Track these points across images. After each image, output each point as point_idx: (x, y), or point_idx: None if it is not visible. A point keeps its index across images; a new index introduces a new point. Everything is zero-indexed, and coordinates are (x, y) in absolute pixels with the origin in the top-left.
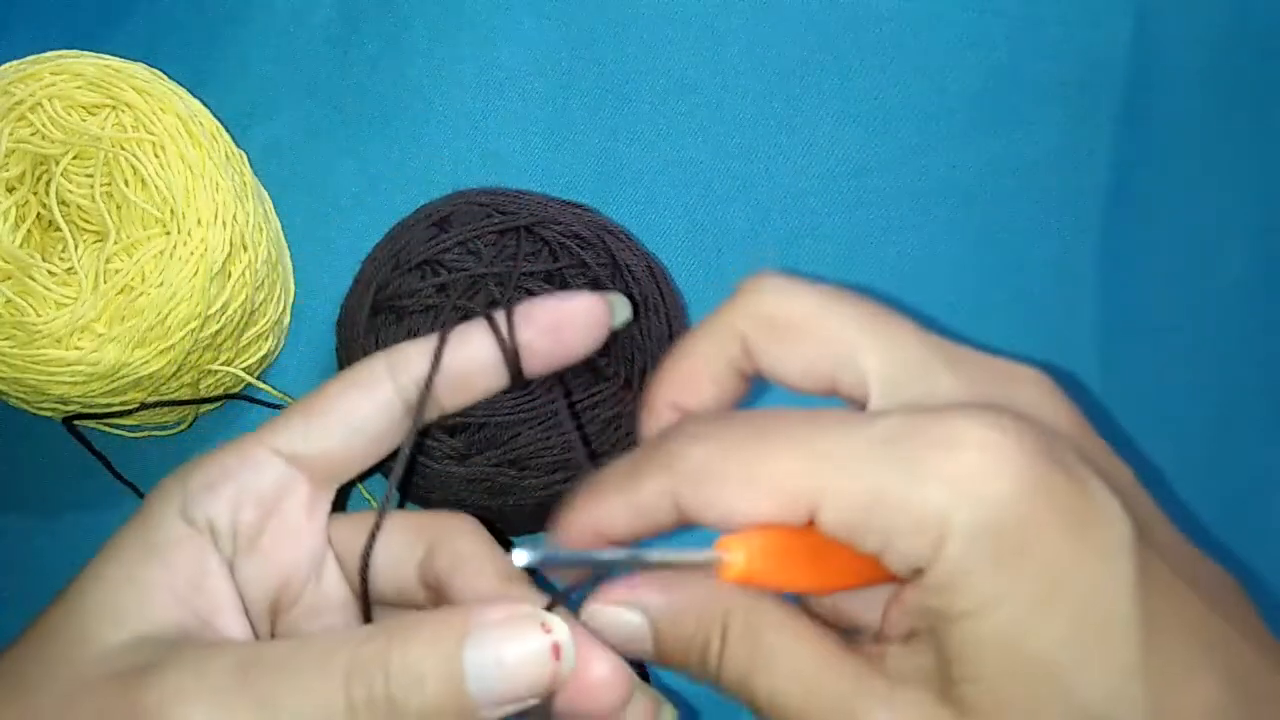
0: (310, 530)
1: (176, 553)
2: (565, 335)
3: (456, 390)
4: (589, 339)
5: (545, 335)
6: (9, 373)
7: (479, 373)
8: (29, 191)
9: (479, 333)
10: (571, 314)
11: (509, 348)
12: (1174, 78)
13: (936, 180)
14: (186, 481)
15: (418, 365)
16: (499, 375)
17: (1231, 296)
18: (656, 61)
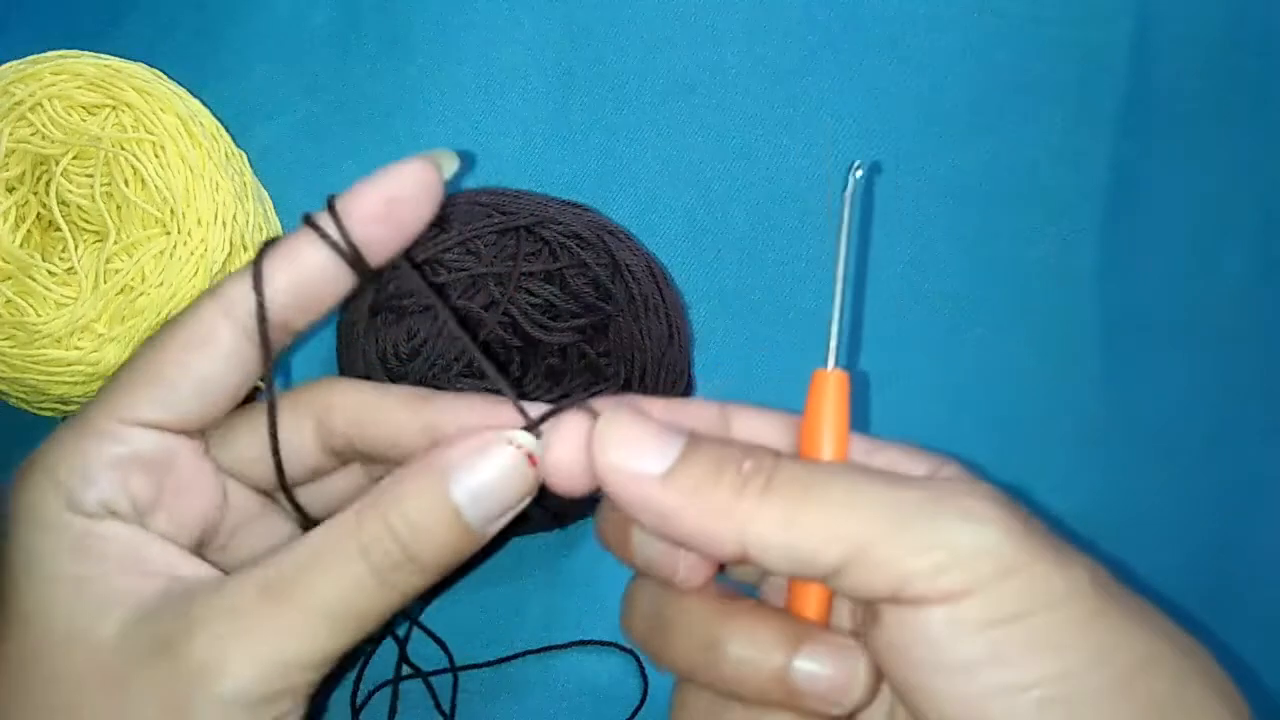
0: (203, 471)
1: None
2: (398, 212)
3: (306, 307)
4: (423, 208)
5: (377, 221)
6: (9, 373)
7: (321, 281)
8: (29, 191)
9: (306, 241)
10: (398, 187)
11: (344, 246)
12: (1174, 78)
13: (936, 180)
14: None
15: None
16: (343, 278)
17: (1231, 296)
18: (656, 61)
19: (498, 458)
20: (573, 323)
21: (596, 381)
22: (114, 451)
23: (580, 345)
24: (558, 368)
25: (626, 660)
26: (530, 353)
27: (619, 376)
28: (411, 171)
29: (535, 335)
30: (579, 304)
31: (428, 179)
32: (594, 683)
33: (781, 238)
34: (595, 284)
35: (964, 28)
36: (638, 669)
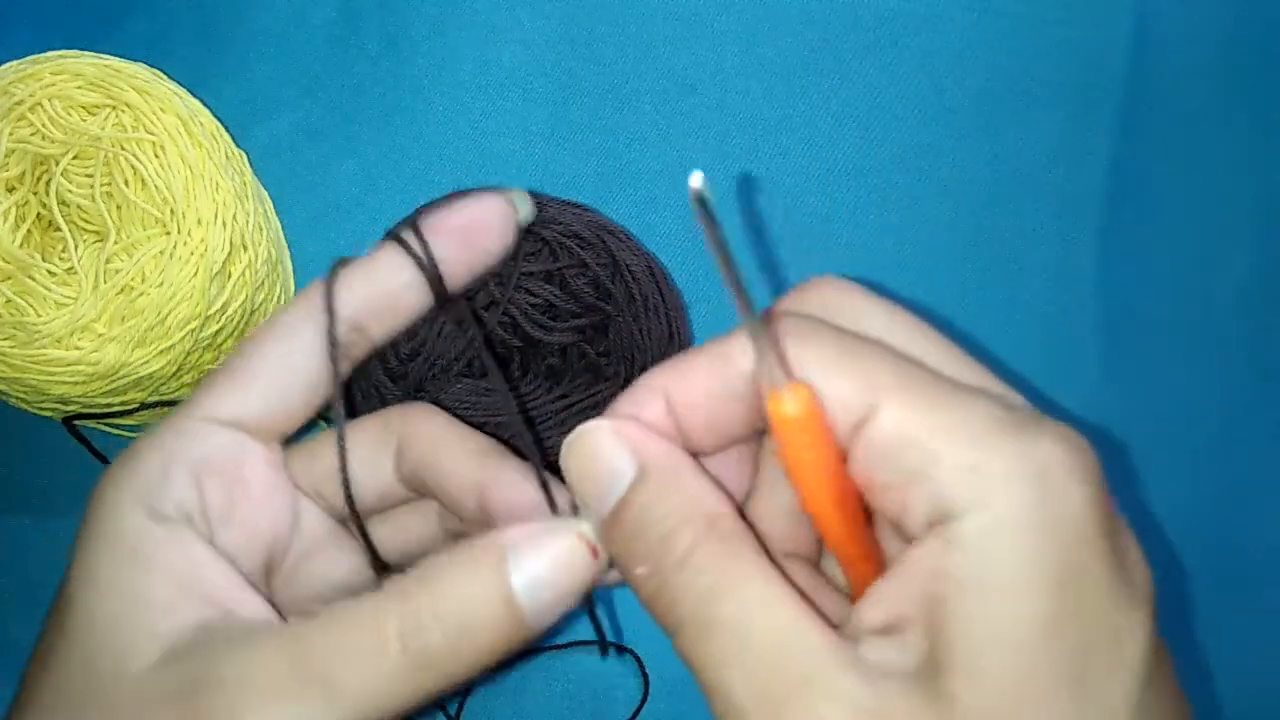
0: (277, 485)
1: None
2: (476, 239)
3: (383, 316)
4: (499, 239)
5: (456, 244)
6: (9, 373)
7: (400, 293)
8: (29, 191)
9: (391, 254)
10: (477, 217)
11: (426, 264)
12: (1174, 78)
13: (936, 180)
14: (135, 477)
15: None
16: (421, 294)
17: (1231, 296)
18: (656, 61)
19: (561, 546)
20: (573, 323)
21: (596, 381)
22: (191, 449)
23: (580, 345)
24: (558, 368)
25: (626, 660)
26: (530, 353)
27: (619, 376)
28: (490, 203)
29: (535, 335)
30: (579, 304)
31: (504, 212)
32: (594, 683)
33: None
34: (595, 284)
35: (964, 28)
36: (638, 669)
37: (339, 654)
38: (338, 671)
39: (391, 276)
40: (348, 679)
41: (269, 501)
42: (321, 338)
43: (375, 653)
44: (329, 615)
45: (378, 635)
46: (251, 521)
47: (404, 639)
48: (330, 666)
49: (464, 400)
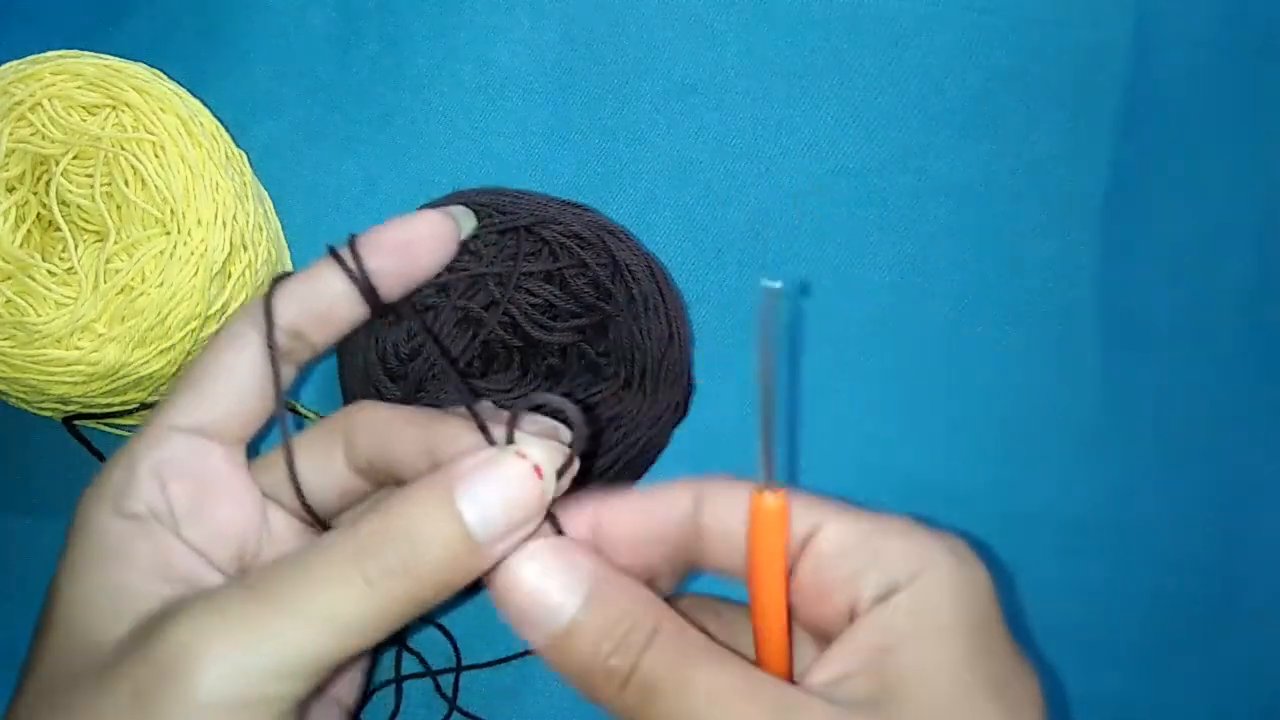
0: (240, 485)
1: (131, 545)
2: (412, 254)
3: (321, 326)
4: (437, 256)
5: (392, 258)
6: (9, 373)
7: (335, 304)
8: (29, 191)
9: (326, 267)
10: (415, 233)
11: (358, 277)
12: (1174, 78)
13: (936, 180)
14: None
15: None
16: (356, 305)
17: (1231, 296)
18: (656, 61)
19: (505, 469)
20: (573, 323)
21: (596, 381)
22: (155, 454)
23: (580, 345)
24: (558, 368)
25: None
26: (530, 353)
27: (619, 376)
28: (429, 220)
29: (535, 335)
30: (579, 304)
31: (444, 230)
32: None
33: (781, 238)
34: (595, 284)
35: (964, 28)
36: None
37: (296, 580)
38: (295, 596)
39: (326, 288)
40: (306, 601)
41: (233, 500)
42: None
43: (332, 573)
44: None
45: (333, 556)
46: (217, 519)
47: (358, 560)
48: (288, 592)
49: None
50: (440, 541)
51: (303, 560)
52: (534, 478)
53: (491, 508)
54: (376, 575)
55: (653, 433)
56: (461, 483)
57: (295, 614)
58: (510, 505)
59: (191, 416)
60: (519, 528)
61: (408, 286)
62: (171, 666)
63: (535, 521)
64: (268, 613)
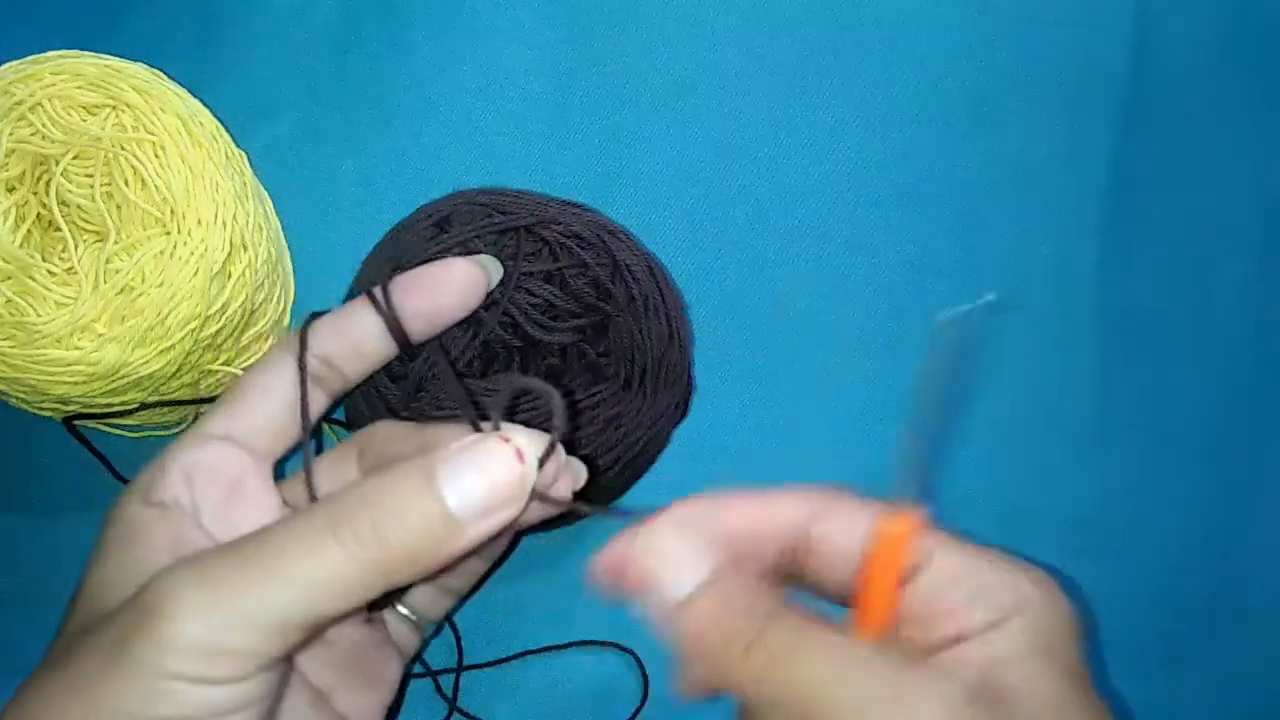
0: (265, 493)
1: (152, 529)
2: (441, 300)
3: (352, 360)
4: (465, 301)
5: (422, 301)
6: (9, 373)
7: (367, 339)
8: (29, 191)
9: (360, 306)
10: (445, 279)
11: (389, 317)
12: (1174, 78)
13: (936, 180)
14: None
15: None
16: (387, 342)
17: (1231, 296)
18: (656, 61)
19: (487, 451)
20: (573, 323)
21: (596, 381)
22: (187, 455)
23: (580, 345)
24: (558, 368)
25: (626, 660)
26: (530, 353)
27: (619, 377)
28: (459, 267)
29: (535, 335)
30: (579, 304)
31: (473, 277)
32: (594, 683)
33: (781, 238)
34: (595, 284)
35: (963, 28)
36: (638, 669)
37: (274, 544)
38: (272, 557)
39: (358, 326)
40: (280, 564)
41: (256, 506)
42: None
43: (308, 540)
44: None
45: (309, 525)
46: (239, 521)
47: (335, 529)
48: (265, 554)
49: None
50: (417, 513)
51: (282, 524)
52: (516, 461)
53: (472, 488)
54: (350, 539)
55: (653, 433)
56: (444, 463)
57: (269, 572)
58: (491, 486)
59: (225, 426)
60: (499, 509)
61: (432, 329)
62: (149, 613)
63: (517, 505)
64: (244, 569)
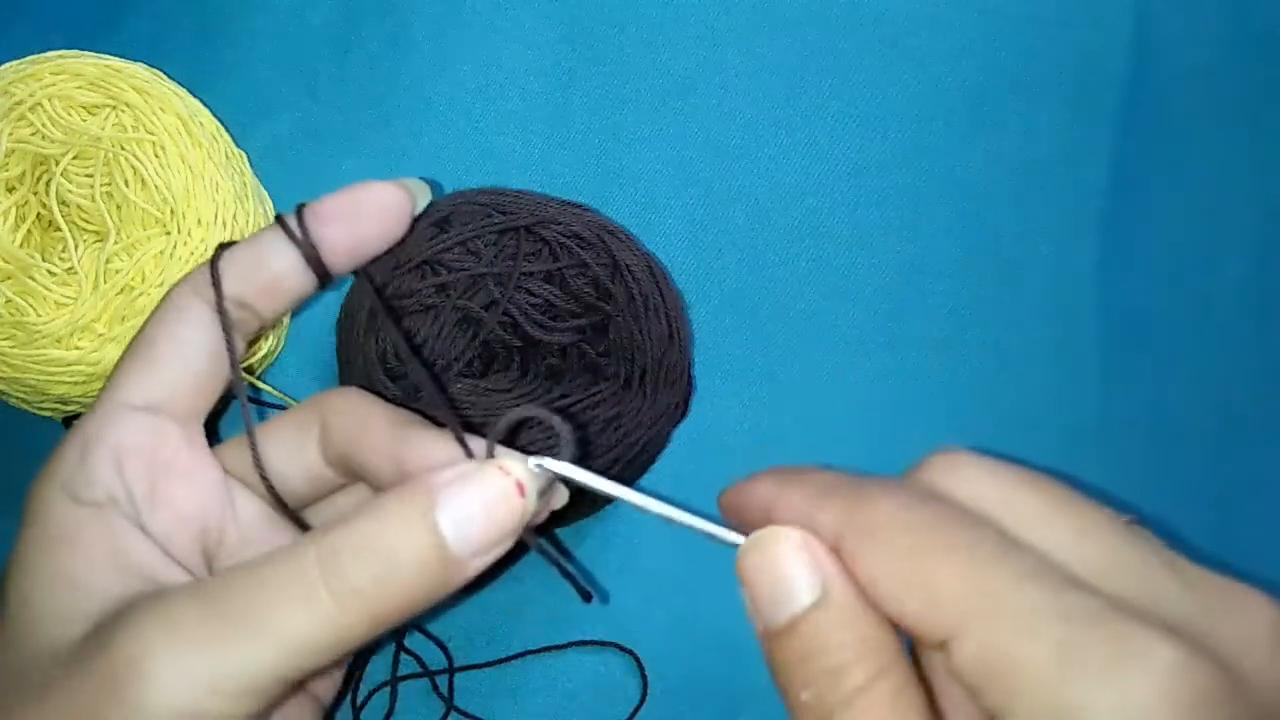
0: (200, 465)
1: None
2: (362, 226)
3: (268, 297)
4: (388, 227)
5: (341, 228)
6: (9, 373)
7: (284, 275)
8: (29, 191)
9: (272, 236)
10: (365, 202)
11: (304, 246)
12: (1174, 78)
13: (936, 180)
14: (58, 466)
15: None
16: (302, 272)
17: (1231, 296)
18: (656, 61)
19: (486, 483)
20: (573, 323)
21: (596, 381)
22: (110, 435)
23: (580, 345)
24: (558, 368)
25: (626, 660)
26: (530, 353)
27: (619, 377)
28: (379, 190)
29: (535, 335)
30: (579, 304)
31: (395, 201)
32: (594, 683)
33: (781, 238)
34: (595, 284)
35: (963, 27)
36: (637, 669)
37: (257, 594)
38: (256, 611)
39: (272, 257)
40: (262, 614)
41: (193, 482)
42: (212, 316)
43: (296, 590)
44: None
45: (299, 568)
46: (177, 502)
47: (323, 571)
48: (248, 607)
49: (464, 400)
50: (415, 557)
51: (261, 572)
52: (516, 494)
53: (470, 522)
54: (341, 593)
55: (653, 433)
56: (440, 496)
57: (250, 630)
58: (490, 521)
59: (144, 393)
60: (495, 546)
61: (353, 259)
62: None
63: (511, 540)
64: (221, 627)
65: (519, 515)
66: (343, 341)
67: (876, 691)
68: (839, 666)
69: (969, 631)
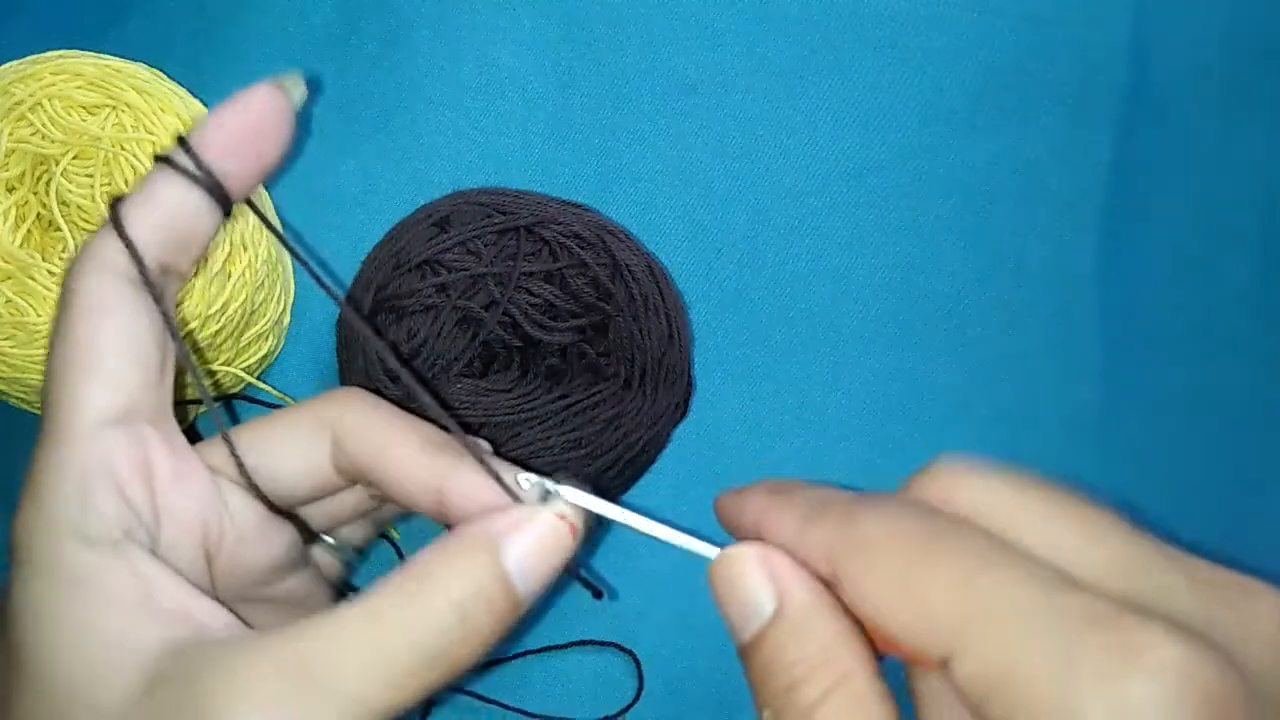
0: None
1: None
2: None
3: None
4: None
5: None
6: (9, 373)
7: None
8: (29, 191)
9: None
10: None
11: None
12: (1174, 78)
13: (936, 180)
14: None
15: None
16: (210, 211)
17: (1231, 296)
18: (656, 61)
19: (545, 529)
20: (573, 323)
21: (596, 381)
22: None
23: (580, 345)
24: (558, 368)
25: (626, 660)
26: (530, 353)
27: (619, 376)
28: (262, 98)
29: (535, 335)
30: (579, 304)
31: (279, 105)
32: (594, 682)
33: (781, 238)
34: (595, 284)
35: (964, 28)
36: (635, 669)
37: (337, 657)
38: (336, 675)
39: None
40: (348, 682)
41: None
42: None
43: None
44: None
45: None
46: (178, 513)
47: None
48: (328, 670)
49: (464, 400)
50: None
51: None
52: (569, 536)
53: (532, 566)
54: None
55: (653, 433)
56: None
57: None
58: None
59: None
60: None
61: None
62: None
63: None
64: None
65: (570, 552)
66: (343, 341)
67: (832, 703)
68: (793, 683)
69: (967, 647)
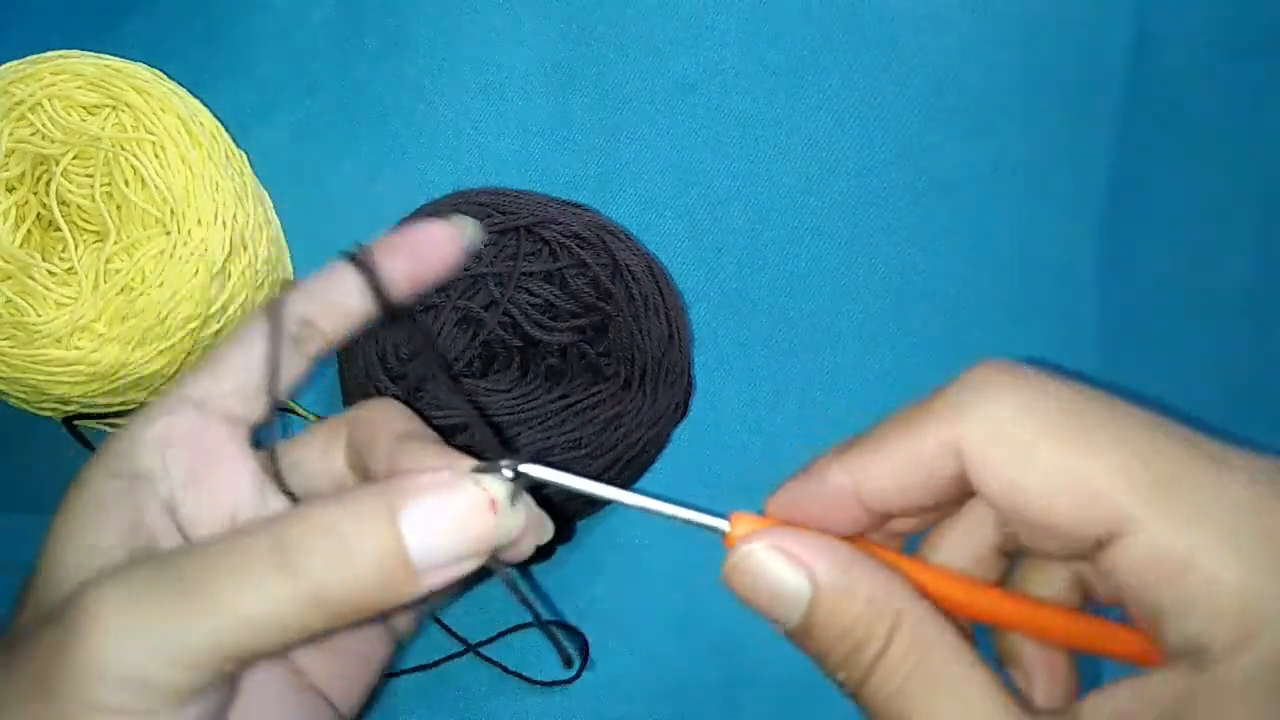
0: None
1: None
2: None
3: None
4: (444, 260)
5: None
6: (9, 373)
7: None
8: (29, 191)
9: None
10: (423, 238)
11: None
12: (1174, 77)
13: (936, 180)
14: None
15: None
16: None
17: (1231, 296)
18: (656, 61)
19: (458, 495)
20: (573, 323)
21: (596, 381)
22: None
23: (580, 345)
24: (558, 368)
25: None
26: (530, 353)
27: (619, 377)
28: (437, 229)
29: (535, 335)
30: (579, 304)
31: (449, 236)
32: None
33: (781, 238)
34: (595, 284)
35: (964, 28)
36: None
37: (214, 570)
38: (210, 587)
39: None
40: (220, 595)
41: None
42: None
43: (250, 570)
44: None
45: (254, 552)
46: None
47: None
48: (202, 582)
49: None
50: (371, 555)
51: (220, 548)
52: (487, 510)
53: (436, 534)
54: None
55: (653, 433)
56: (408, 499)
57: (201, 605)
58: (456, 536)
59: (201, 390)
60: (456, 562)
61: (416, 289)
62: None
63: (476, 561)
64: (174, 599)
65: (487, 535)
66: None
67: (898, 644)
68: (856, 645)
69: (1139, 527)
